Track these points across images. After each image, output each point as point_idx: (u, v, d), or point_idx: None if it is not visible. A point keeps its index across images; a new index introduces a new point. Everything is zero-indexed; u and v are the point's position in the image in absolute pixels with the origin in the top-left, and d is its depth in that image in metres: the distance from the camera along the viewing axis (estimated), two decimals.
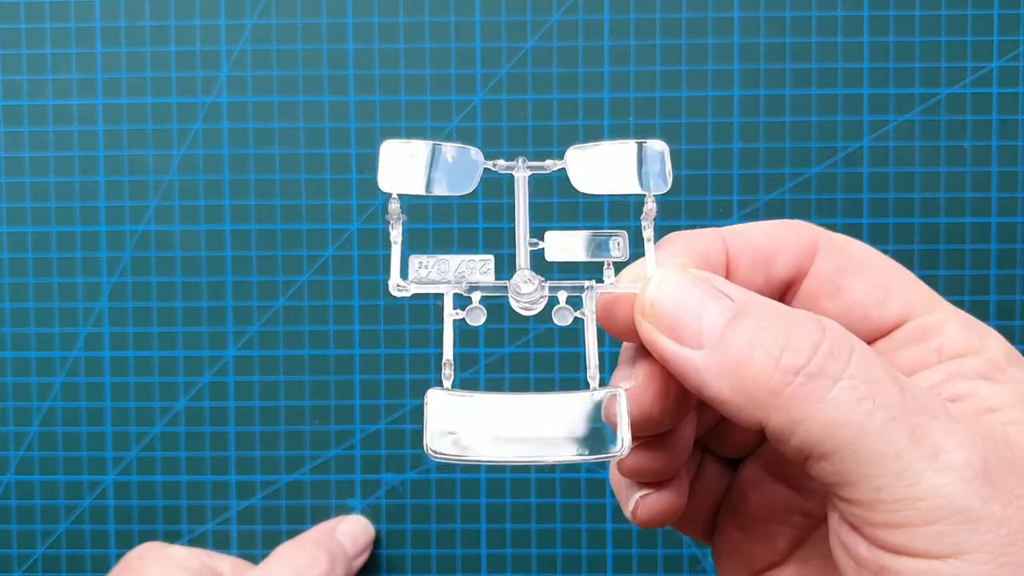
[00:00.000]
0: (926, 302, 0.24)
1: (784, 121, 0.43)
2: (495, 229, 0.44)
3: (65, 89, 0.44)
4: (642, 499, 0.25)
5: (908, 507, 0.20)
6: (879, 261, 0.24)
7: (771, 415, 0.21)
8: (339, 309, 0.44)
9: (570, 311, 0.23)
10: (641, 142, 0.24)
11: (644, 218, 0.24)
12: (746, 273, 0.24)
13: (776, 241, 0.24)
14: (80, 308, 0.44)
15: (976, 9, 0.43)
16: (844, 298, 0.24)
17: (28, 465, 0.45)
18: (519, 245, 0.24)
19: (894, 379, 0.21)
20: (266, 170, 0.44)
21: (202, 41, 0.44)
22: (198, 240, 0.44)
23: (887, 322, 0.24)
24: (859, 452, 0.20)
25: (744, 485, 0.27)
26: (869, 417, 0.20)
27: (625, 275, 0.24)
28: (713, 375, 0.21)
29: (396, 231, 0.24)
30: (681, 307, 0.22)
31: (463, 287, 0.23)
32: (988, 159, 0.43)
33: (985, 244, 0.43)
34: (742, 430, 0.26)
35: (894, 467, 0.20)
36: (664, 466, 0.24)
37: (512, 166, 0.25)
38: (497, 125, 0.43)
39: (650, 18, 0.43)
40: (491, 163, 0.24)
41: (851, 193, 0.43)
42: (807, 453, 0.21)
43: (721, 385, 0.21)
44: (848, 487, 0.20)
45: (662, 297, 0.22)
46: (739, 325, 0.21)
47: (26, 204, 0.44)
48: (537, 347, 0.44)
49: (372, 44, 0.44)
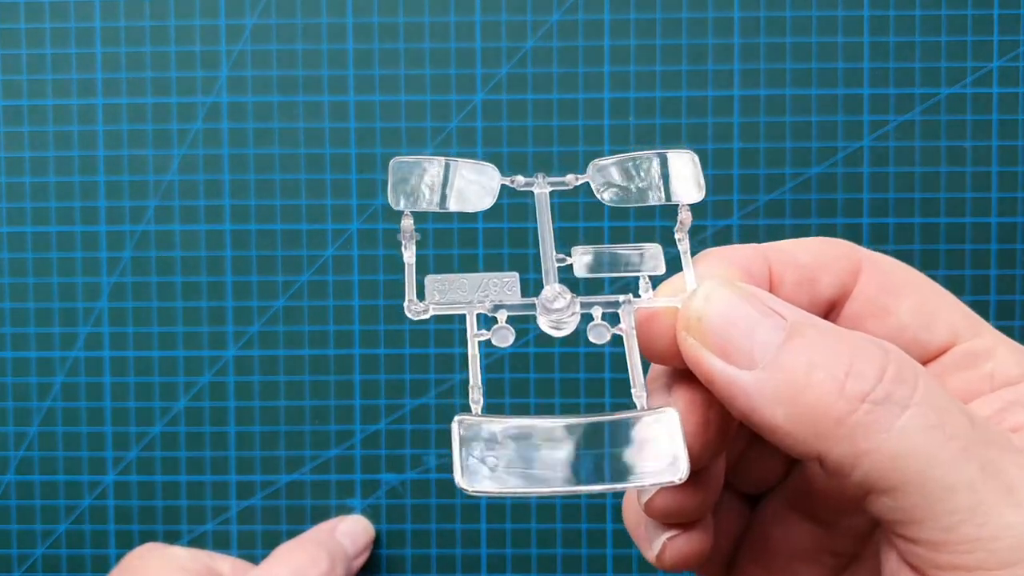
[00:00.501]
0: (972, 326, 0.23)
1: (784, 121, 0.43)
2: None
3: (65, 89, 0.44)
4: (670, 541, 0.23)
5: (981, 548, 0.18)
6: (922, 282, 0.23)
7: (832, 446, 0.19)
8: (339, 309, 0.44)
9: (607, 328, 0.21)
10: (664, 152, 0.23)
11: (678, 230, 0.23)
12: (791, 292, 0.22)
13: (819, 259, 0.23)
14: (80, 308, 0.44)
15: (976, 9, 0.43)
16: (890, 320, 0.23)
17: (28, 465, 0.45)
18: (545, 262, 0.22)
19: (961, 408, 0.19)
20: (266, 170, 0.44)
21: (202, 41, 0.44)
22: (198, 240, 0.44)
23: (935, 346, 0.23)
24: (928, 486, 0.18)
25: (766, 522, 0.25)
26: (940, 448, 0.18)
27: (663, 290, 0.22)
28: (766, 399, 0.19)
29: (409, 251, 0.22)
30: (731, 323, 0.20)
31: (487, 306, 0.22)
32: (988, 159, 0.43)
33: (985, 244, 0.43)
34: (765, 464, 0.25)
35: (966, 503, 0.18)
36: (697, 506, 0.22)
37: (532, 183, 0.23)
38: (497, 125, 0.43)
39: (650, 18, 0.43)
40: (509, 180, 0.23)
41: (851, 193, 0.43)
42: (869, 488, 0.19)
43: (775, 411, 0.19)
44: (913, 525, 0.19)
45: (710, 311, 0.20)
46: (796, 345, 0.19)
47: (26, 204, 0.44)
48: (537, 347, 0.44)
49: (372, 44, 0.44)
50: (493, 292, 0.22)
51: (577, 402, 0.44)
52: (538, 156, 0.43)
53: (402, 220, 0.22)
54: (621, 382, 0.43)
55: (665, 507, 0.22)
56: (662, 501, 0.22)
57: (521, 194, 0.23)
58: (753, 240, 0.43)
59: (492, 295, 0.22)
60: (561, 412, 0.43)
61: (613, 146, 0.43)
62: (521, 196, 0.24)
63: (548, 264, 0.22)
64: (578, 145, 0.43)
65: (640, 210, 0.43)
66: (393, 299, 0.44)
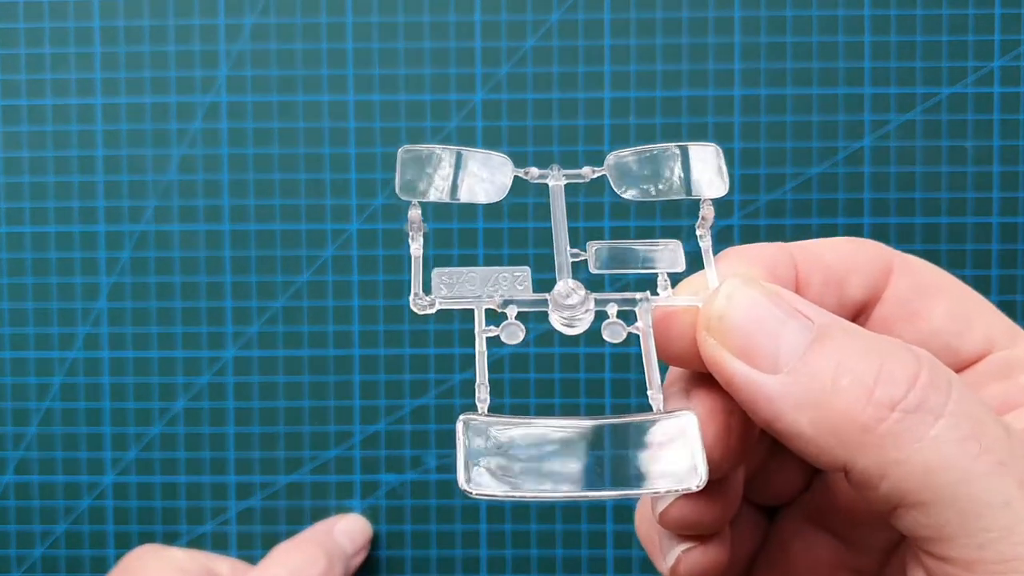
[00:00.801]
0: (1009, 334, 0.22)
1: (785, 120, 0.43)
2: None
3: (63, 88, 0.44)
4: (684, 554, 0.22)
5: (1018, 569, 0.17)
6: (956, 287, 0.22)
7: (859, 455, 0.18)
8: (338, 309, 0.44)
9: (622, 326, 0.20)
10: (685, 144, 0.22)
11: (700, 226, 0.21)
12: (818, 293, 0.21)
13: (848, 260, 0.22)
14: (78, 308, 0.44)
15: (977, 8, 0.43)
16: (922, 325, 0.22)
17: (26, 466, 0.45)
18: (559, 256, 0.21)
19: (996, 419, 0.18)
20: (265, 170, 0.44)
21: (201, 40, 0.44)
22: (197, 240, 0.44)
23: (970, 353, 0.22)
24: (961, 501, 0.17)
25: (785, 536, 0.24)
26: (975, 461, 0.17)
27: (683, 288, 0.21)
28: (790, 405, 0.18)
29: (417, 243, 0.21)
30: (755, 324, 0.19)
31: (496, 302, 0.21)
32: (989, 159, 0.43)
33: (986, 244, 0.43)
34: (786, 475, 0.24)
35: (1003, 520, 0.17)
36: (714, 518, 0.21)
37: (546, 175, 0.22)
38: (497, 125, 0.43)
39: (650, 17, 0.43)
40: (522, 171, 0.22)
41: (852, 193, 0.43)
42: (897, 501, 0.18)
43: (799, 417, 0.18)
44: (944, 542, 0.18)
45: (733, 311, 0.19)
46: (823, 348, 0.18)
47: (24, 204, 0.44)
48: (537, 347, 0.44)
49: (371, 44, 0.44)
50: (503, 287, 0.21)
51: (577, 402, 0.43)
52: (538, 156, 0.43)
53: (409, 210, 0.21)
54: (621, 382, 0.43)
55: (681, 518, 0.21)
56: (678, 511, 0.21)
57: (520, 193, 0.23)
58: (753, 240, 0.43)
59: (502, 290, 0.21)
60: (561, 412, 0.43)
61: (613, 146, 0.43)
62: (520, 195, 0.23)
63: (562, 258, 0.21)
64: (578, 145, 0.43)
65: (658, 207, 0.43)
66: (393, 299, 0.44)
